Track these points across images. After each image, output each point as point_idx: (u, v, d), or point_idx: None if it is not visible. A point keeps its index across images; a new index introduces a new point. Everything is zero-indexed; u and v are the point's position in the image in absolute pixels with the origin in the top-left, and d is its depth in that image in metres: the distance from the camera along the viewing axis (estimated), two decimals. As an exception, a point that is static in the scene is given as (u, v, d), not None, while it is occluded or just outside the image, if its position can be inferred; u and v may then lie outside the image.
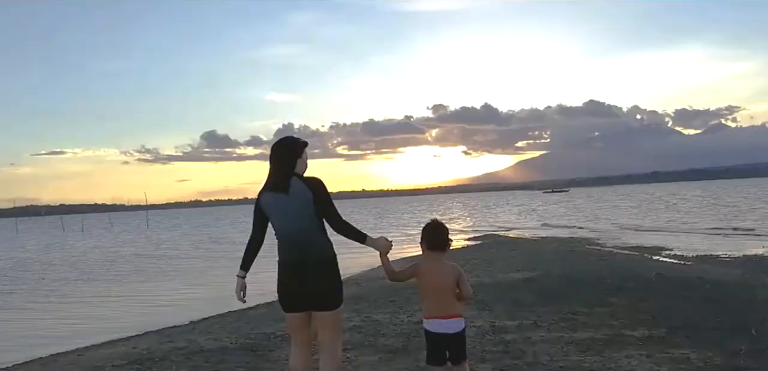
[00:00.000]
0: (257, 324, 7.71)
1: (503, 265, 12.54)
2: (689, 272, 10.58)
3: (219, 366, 5.73)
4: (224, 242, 34.70)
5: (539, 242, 19.73)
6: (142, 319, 10.03)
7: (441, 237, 3.95)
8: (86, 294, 14.92)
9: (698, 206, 46.71)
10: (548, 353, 5.66)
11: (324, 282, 3.81)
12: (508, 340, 6.18)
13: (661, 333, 6.21)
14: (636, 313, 7.18)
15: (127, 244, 37.09)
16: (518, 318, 7.17)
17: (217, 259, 23.66)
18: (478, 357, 5.62)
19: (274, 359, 5.91)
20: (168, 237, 43.69)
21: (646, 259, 13.68)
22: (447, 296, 3.85)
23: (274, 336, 6.84)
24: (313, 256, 3.78)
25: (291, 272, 3.80)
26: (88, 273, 20.27)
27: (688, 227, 26.48)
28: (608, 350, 5.66)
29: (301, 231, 3.77)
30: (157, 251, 30.07)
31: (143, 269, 20.83)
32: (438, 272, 3.88)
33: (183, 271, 19.79)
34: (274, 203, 3.80)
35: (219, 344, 6.64)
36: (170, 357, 6.18)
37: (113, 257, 27.14)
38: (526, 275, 10.61)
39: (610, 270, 10.87)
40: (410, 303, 8.44)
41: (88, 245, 36.99)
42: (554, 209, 57.33)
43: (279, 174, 3.81)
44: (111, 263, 23.47)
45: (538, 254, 14.53)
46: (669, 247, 17.26)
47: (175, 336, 7.36)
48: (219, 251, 28.34)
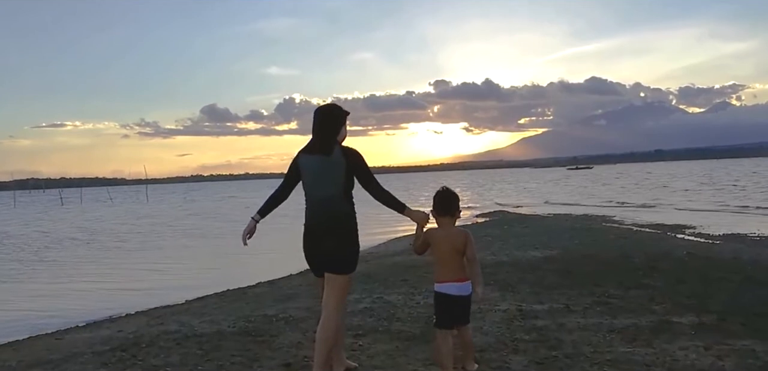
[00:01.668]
0: (258, 304, 7.01)
1: (518, 242, 11.83)
2: (722, 252, 9.87)
3: (213, 355, 5.03)
4: (225, 217, 34.01)
5: (551, 218, 18.99)
6: (133, 298, 9.29)
7: (449, 204, 4.15)
8: (74, 270, 14.15)
9: (700, 184, 45.89)
10: (589, 343, 4.96)
11: (340, 245, 3.95)
12: (540, 327, 5.48)
13: (712, 320, 5.51)
14: (677, 296, 6.49)
15: (124, 217, 36.39)
16: (547, 301, 6.46)
17: (217, 235, 22.94)
18: (510, 346, 4.91)
19: (276, 346, 5.20)
20: (166, 211, 42.96)
21: (670, 237, 12.95)
22: (456, 260, 4.08)
23: (277, 320, 6.14)
24: (335, 222, 3.94)
25: (313, 235, 3.99)
26: (78, 247, 19.55)
27: (701, 205, 25.75)
28: (657, 340, 4.96)
29: (329, 196, 3.93)
30: (153, 225, 29.33)
31: (139, 244, 20.09)
32: (447, 237, 4.11)
33: (180, 246, 19.03)
34: (312, 165, 3.96)
35: (215, 327, 5.94)
36: (158, 342, 5.48)
37: (106, 230, 26.43)
38: (546, 254, 9.91)
39: (636, 249, 10.17)
40: (424, 282, 7.74)
41: (85, 219, 36.29)
42: (562, 187, 56.61)
43: (324, 137, 3.95)
44: (104, 238, 22.68)
45: (553, 231, 13.82)
46: (691, 225, 16.51)
47: (166, 317, 6.66)
48: (219, 226, 27.63)
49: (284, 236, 20.46)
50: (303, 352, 4.99)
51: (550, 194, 43.24)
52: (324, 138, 3.96)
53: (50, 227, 29.99)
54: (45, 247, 19.83)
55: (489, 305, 6.37)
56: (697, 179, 56.27)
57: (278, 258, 14.16)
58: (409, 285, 7.65)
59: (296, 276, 9.93)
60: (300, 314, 6.31)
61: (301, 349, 5.08)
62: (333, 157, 3.91)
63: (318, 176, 3.94)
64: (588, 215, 21.24)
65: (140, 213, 41.15)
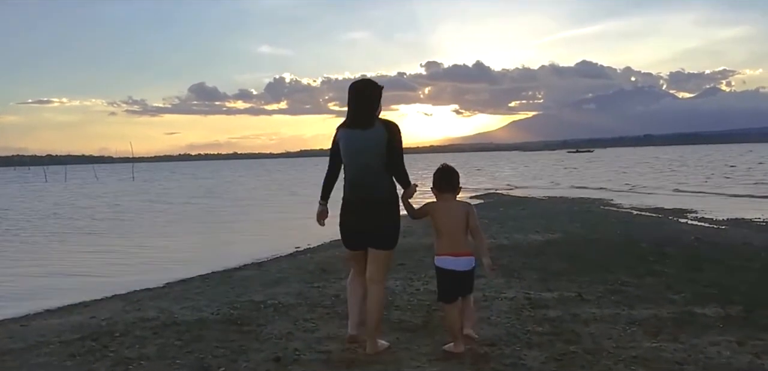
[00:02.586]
0: (245, 289, 6.51)
1: (517, 225, 11.39)
2: (730, 237, 9.48)
3: (194, 346, 4.53)
4: (217, 196, 33.37)
5: (548, 201, 18.56)
6: (111, 280, 8.74)
7: (450, 179, 4.15)
8: (50, 249, 13.51)
9: (695, 169, 45.76)
10: (610, 336, 4.51)
11: (382, 222, 4.03)
12: (553, 318, 5.02)
13: (739, 312, 5.08)
14: (695, 285, 6.05)
15: (108, 196, 35.64)
16: (556, 289, 6.01)
17: (204, 214, 22.35)
18: (523, 341, 4.44)
19: (263, 337, 4.71)
20: (153, 189, 42.19)
21: (673, 221, 12.57)
22: (458, 233, 4.05)
23: (265, 306, 5.64)
24: (376, 196, 4.01)
25: (353, 209, 4.05)
26: (58, 225, 18.86)
27: (695, 188, 25.46)
28: (684, 334, 4.51)
29: (369, 170, 3.99)
30: (138, 203, 28.65)
31: (121, 223, 19.41)
32: (449, 210, 4.09)
33: (164, 225, 18.38)
34: (351, 139, 3.99)
35: (197, 314, 5.44)
36: (134, 331, 4.97)
37: (89, 208, 25.75)
38: (548, 238, 9.47)
39: (641, 233, 9.76)
40: (422, 267, 7.29)
41: (68, 197, 35.52)
42: (555, 170, 56.37)
43: (364, 111, 3.99)
44: (86, 216, 21.95)
45: (551, 214, 13.40)
46: (691, 209, 16.14)
47: (145, 302, 6.14)
48: (208, 205, 27.02)
49: (271, 216, 19.89)
50: (293, 344, 4.50)
51: (543, 176, 42.92)
52: (364, 112, 3.98)
53: (31, 205, 29.23)
54: (22, 224, 19.14)
55: (494, 292, 5.92)
56: (691, 163, 56.19)
57: (266, 239, 13.66)
58: (407, 269, 7.17)
59: (285, 259, 9.45)
60: (290, 300, 5.82)
61: (292, 340, 4.59)
62: (374, 130, 3.96)
63: (359, 150, 3.98)
64: (585, 199, 20.86)
65: (125, 191, 40.40)
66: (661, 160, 69.38)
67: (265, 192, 35.56)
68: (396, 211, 4.08)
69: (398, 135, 4.04)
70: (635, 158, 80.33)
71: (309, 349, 4.40)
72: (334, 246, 10.41)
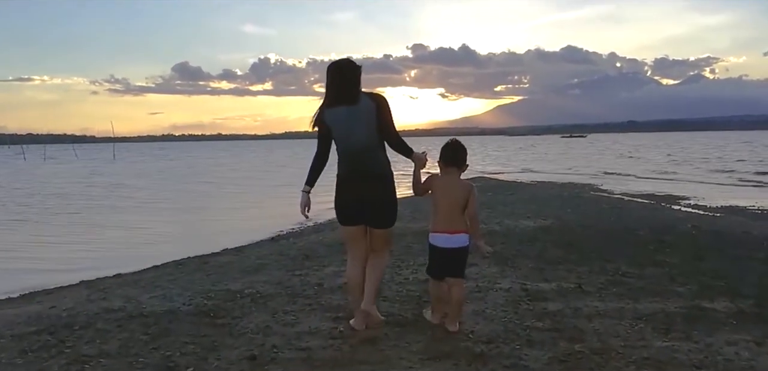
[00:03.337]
0: (221, 276, 6.06)
1: (507, 211, 11.02)
2: (728, 225, 9.19)
3: (161, 341, 4.10)
4: (200, 177, 32.72)
5: (537, 186, 18.25)
6: (79, 264, 8.26)
7: (457, 154, 4.11)
8: (16, 229, 12.91)
9: (680, 155, 45.84)
10: (616, 334, 4.14)
11: (381, 197, 4.01)
12: (553, 312, 4.65)
13: (750, 307, 4.74)
14: (700, 276, 5.71)
15: (86, 175, 34.81)
16: (554, 280, 5.64)
17: (184, 196, 21.77)
18: (523, 338, 4.06)
19: (238, 331, 4.28)
20: (133, 169, 41.35)
21: (666, 208, 12.29)
22: (456, 211, 4.01)
23: (241, 296, 5.20)
24: (373, 170, 3.97)
25: (350, 186, 3.99)
26: (30, 205, 18.19)
27: (680, 175, 25.36)
28: (696, 332, 4.16)
29: (363, 145, 3.92)
30: (115, 183, 27.93)
31: (95, 204, 18.76)
32: (450, 186, 4.06)
33: (141, 207, 17.76)
34: (340, 116, 3.90)
35: (167, 305, 4.99)
36: (96, 323, 4.52)
37: (64, 188, 25.03)
38: (540, 224, 9.11)
39: (636, 220, 9.44)
40: (410, 253, 6.89)
41: (44, 176, 34.64)
42: (540, 154, 56.26)
43: (348, 87, 3.91)
44: (57, 197, 21.20)
45: (541, 200, 13.05)
46: (683, 196, 15.93)
47: (111, 290, 5.68)
48: (189, 187, 26.41)
49: (255, 198, 19.40)
50: (272, 339, 4.09)
51: (531, 161, 42.73)
52: (349, 88, 3.91)
53: (5, 183, 28.39)
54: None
55: (488, 282, 5.54)
56: (675, 150, 56.36)
57: (248, 222, 13.22)
58: (395, 256, 6.70)
59: (267, 243, 9.01)
60: (269, 290, 5.39)
61: (270, 335, 4.18)
62: (361, 104, 3.89)
63: (350, 127, 3.90)
64: (574, 184, 20.60)
65: (104, 171, 39.54)
66: (659, 146, 69.58)
67: (251, 173, 34.96)
68: (392, 186, 4.05)
69: (386, 104, 3.97)
70: (634, 143, 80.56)
71: (288, 345, 3.99)
72: (317, 231, 9.99)
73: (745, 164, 31.49)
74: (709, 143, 74.47)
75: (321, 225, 10.96)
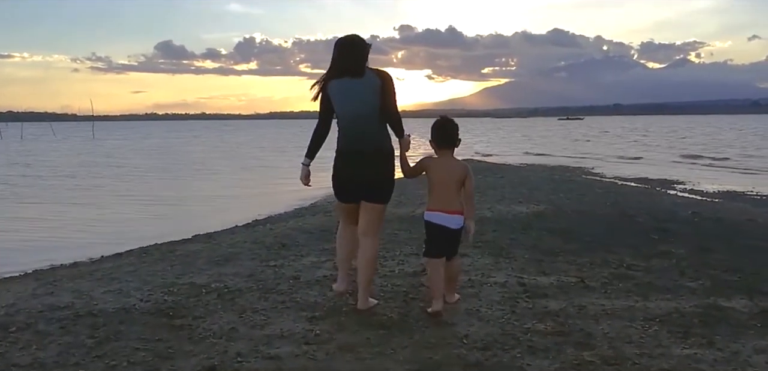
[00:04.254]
0: (187, 267, 5.47)
1: (497, 195, 10.51)
2: (730, 213, 8.77)
3: (108, 346, 3.55)
4: (179, 157, 31.92)
5: (526, 169, 17.77)
6: (34, 251, 7.64)
7: (449, 134, 4.02)
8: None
9: (669, 138, 45.71)
10: (629, 338, 3.65)
11: (379, 173, 3.94)
12: (555, 311, 4.16)
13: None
14: (711, 270, 5.25)
15: (63, 153, 33.86)
16: (553, 273, 5.15)
17: (161, 176, 21.05)
18: (524, 343, 3.57)
19: (199, 334, 3.74)
20: (109, 148, 40.36)
21: (662, 193, 11.86)
22: (451, 191, 3.96)
23: (207, 291, 4.64)
24: (372, 147, 3.91)
25: (348, 160, 3.94)
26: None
27: (663, 157, 25.10)
28: (718, 336, 3.69)
29: (364, 119, 3.87)
30: (90, 163, 27.09)
31: (62, 183, 17.93)
32: (445, 167, 4.00)
33: (112, 188, 17.00)
34: (343, 89, 3.87)
35: (121, 301, 4.42)
36: (37, 323, 3.95)
37: (36, 166, 24.20)
38: (533, 210, 8.62)
39: (633, 206, 8.98)
40: (396, 243, 6.37)
41: (18, 153, 33.65)
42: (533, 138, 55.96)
43: (354, 60, 3.88)
44: (27, 176, 20.37)
45: (532, 184, 12.56)
46: (676, 180, 15.56)
47: (62, 283, 5.08)
48: (167, 167, 25.65)
49: (234, 180, 18.72)
50: (236, 345, 3.55)
51: (520, 143, 42.37)
52: (355, 61, 3.88)
53: None
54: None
55: (481, 275, 5.04)
56: (664, 134, 56.30)
57: (224, 206, 12.64)
58: (380, 245, 6.20)
59: (241, 229, 8.43)
60: (239, 284, 4.83)
61: (235, 340, 3.64)
62: (366, 78, 3.87)
63: (352, 99, 3.87)
64: (564, 167, 20.20)
65: (81, 150, 38.54)
66: (657, 129, 69.55)
67: (232, 154, 34.22)
68: (391, 163, 4.02)
69: (391, 82, 3.95)
70: (630, 127, 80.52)
71: (255, 352, 3.46)
72: (296, 216, 9.44)
73: (733, 149, 31.26)
74: (695, 128, 74.63)
75: (301, 209, 10.40)
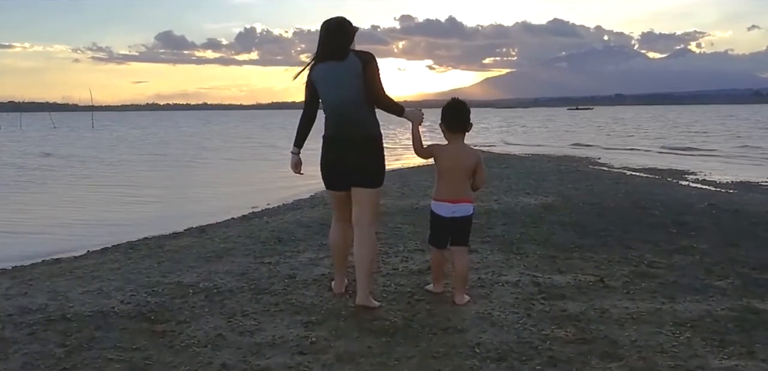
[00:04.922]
0: (175, 265, 5.09)
1: (503, 186, 10.12)
2: (748, 204, 8.35)
3: (79, 357, 3.20)
4: (179, 147, 31.53)
5: (530, 159, 17.31)
6: (16, 244, 7.25)
7: (460, 117, 3.86)
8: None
9: (672, 128, 45.23)
10: (659, 347, 3.28)
11: (366, 158, 3.79)
12: (575, 315, 3.78)
13: (814, 309, 3.90)
14: (739, 267, 4.87)
15: (59, 145, 33.46)
16: (569, 271, 4.77)
17: (160, 166, 20.68)
18: (543, 353, 3.19)
19: (182, 342, 3.37)
20: (109, 138, 39.93)
21: (674, 184, 11.45)
22: (461, 180, 3.84)
23: (194, 292, 4.27)
24: (359, 132, 3.77)
25: (335, 147, 3.82)
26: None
27: (671, 144, 24.67)
28: (758, 345, 3.32)
29: (350, 104, 3.74)
30: (87, 153, 26.68)
31: (58, 174, 17.48)
32: (457, 154, 3.86)
33: (108, 177, 16.58)
34: (327, 73, 3.76)
35: (100, 303, 4.05)
36: (4, 330, 3.58)
37: (28, 157, 23.82)
38: (542, 201, 8.23)
39: (646, 197, 8.59)
40: (399, 237, 6.00)
41: (16, 143, 33.26)
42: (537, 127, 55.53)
43: (339, 42, 3.75)
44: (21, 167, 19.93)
45: (538, 174, 12.16)
46: (685, 170, 15.15)
47: (39, 282, 4.70)
48: (166, 157, 25.27)
49: (233, 171, 18.36)
50: (222, 355, 3.19)
51: (517, 134, 41.93)
52: (338, 44, 3.74)
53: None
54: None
55: (492, 274, 4.66)
56: (669, 123, 55.82)
57: (220, 197, 12.26)
58: (381, 241, 5.76)
59: (236, 222, 8.03)
60: (229, 283, 4.46)
61: (220, 349, 3.27)
62: (351, 60, 3.72)
63: (335, 83, 3.75)
64: (570, 156, 19.77)
65: (78, 140, 38.11)
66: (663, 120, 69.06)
67: (232, 144, 33.81)
68: (380, 147, 3.84)
69: (372, 61, 3.73)
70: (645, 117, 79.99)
71: (242, 363, 3.10)
72: (295, 208, 9.05)
73: (741, 139, 30.80)
74: (701, 117, 74.08)
75: (299, 202, 10.01)
